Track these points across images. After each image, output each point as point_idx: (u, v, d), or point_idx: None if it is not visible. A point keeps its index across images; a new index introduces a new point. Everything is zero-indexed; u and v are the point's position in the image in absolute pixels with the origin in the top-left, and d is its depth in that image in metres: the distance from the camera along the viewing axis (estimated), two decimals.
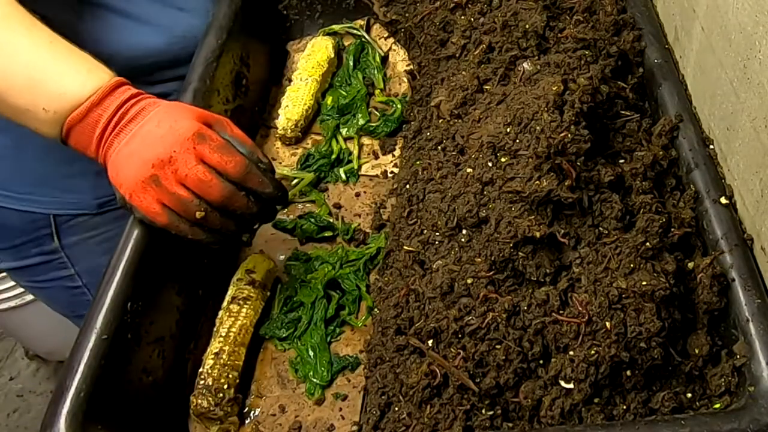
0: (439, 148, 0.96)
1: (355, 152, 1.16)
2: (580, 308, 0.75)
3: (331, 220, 1.08)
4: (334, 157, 1.15)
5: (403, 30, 1.24)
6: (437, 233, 0.85)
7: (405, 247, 0.88)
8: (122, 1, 1.08)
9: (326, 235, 1.07)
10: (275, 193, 0.87)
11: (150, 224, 0.85)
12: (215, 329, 0.93)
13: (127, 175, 0.83)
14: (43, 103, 0.83)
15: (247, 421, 0.89)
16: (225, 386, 0.87)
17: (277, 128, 1.19)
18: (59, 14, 0.98)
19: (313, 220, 1.07)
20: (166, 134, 0.83)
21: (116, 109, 0.84)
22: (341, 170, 1.14)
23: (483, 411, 0.76)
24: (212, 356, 0.89)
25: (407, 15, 1.23)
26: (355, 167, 1.15)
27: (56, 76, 0.84)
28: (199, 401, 0.86)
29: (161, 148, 0.82)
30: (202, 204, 0.83)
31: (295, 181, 1.13)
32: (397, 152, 1.15)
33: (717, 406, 0.75)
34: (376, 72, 1.26)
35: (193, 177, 0.82)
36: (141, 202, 0.83)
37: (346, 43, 1.31)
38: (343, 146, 1.17)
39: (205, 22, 1.14)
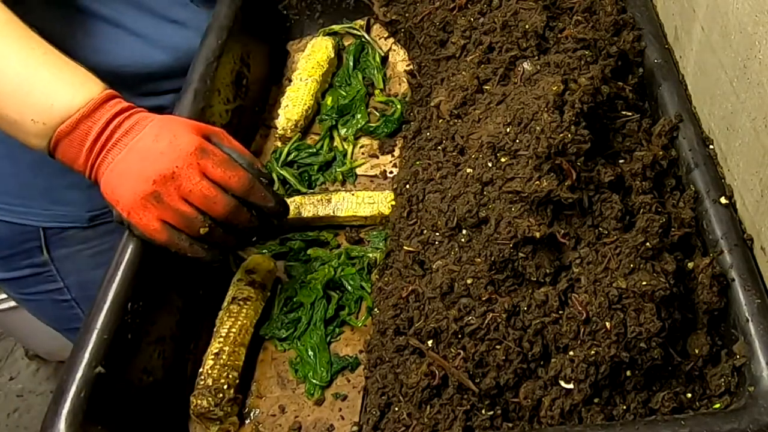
0: (439, 148, 0.95)
1: (350, 152, 1.16)
2: (579, 308, 0.75)
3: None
4: (330, 156, 1.15)
5: (403, 30, 1.24)
6: (437, 233, 0.85)
7: (405, 247, 0.88)
8: (117, 14, 1.07)
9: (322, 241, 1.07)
10: (277, 208, 0.86)
11: (148, 241, 0.84)
12: (215, 329, 0.93)
13: (125, 191, 0.81)
14: (32, 115, 0.81)
15: (247, 421, 0.89)
16: (225, 386, 0.87)
17: (276, 128, 1.19)
18: (54, 26, 0.96)
19: (299, 236, 1.06)
20: (167, 149, 0.81)
21: (107, 122, 0.82)
22: (338, 171, 1.14)
23: (483, 411, 0.76)
24: (212, 356, 0.89)
25: (407, 15, 1.23)
26: (348, 167, 1.14)
27: (46, 87, 0.82)
28: (199, 401, 0.86)
29: (163, 163, 0.80)
30: (206, 220, 0.82)
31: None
32: (396, 152, 1.15)
33: (717, 406, 0.75)
34: (375, 72, 1.26)
35: (198, 193, 0.81)
36: (140, 220, 0.81)
37: (346, 43, 1.31)
38: (340, 147, 1.17)
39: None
